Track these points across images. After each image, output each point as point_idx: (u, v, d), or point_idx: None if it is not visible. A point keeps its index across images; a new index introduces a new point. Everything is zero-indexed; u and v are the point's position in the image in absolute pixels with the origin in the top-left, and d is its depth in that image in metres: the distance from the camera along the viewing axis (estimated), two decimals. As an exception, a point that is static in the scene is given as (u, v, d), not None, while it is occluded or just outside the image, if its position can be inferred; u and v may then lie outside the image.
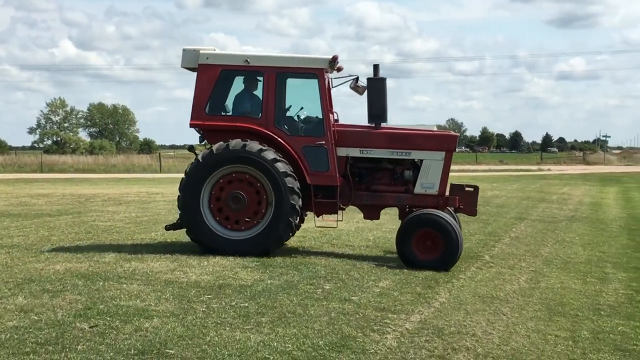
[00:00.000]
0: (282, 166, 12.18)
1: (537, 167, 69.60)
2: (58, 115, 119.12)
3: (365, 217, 13.50)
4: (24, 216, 19.04)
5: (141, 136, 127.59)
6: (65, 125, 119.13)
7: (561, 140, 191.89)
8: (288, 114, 13.23)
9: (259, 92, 12.90)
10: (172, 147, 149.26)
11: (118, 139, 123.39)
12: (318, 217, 13.24)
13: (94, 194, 28.19)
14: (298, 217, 12.72)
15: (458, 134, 14.15)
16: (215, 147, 12.34)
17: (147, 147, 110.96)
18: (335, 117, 13.13)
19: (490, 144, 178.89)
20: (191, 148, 13.69)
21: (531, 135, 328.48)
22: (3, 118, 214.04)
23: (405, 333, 7.88)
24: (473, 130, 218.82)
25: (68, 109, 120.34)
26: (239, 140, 12.31)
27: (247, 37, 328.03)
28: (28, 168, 54.79)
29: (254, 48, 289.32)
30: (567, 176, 50.11)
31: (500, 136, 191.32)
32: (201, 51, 12.91)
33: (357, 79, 12.82)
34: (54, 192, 29.54)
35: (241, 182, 12.42)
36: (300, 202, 12.43)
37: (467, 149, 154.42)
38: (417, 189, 12.87)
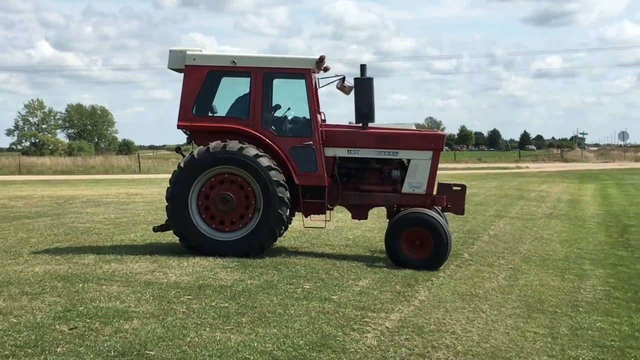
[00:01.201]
0: (275, 174, 12.14)
1: (515, 164, 69.87)
2: (36, 116, 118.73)
3: (353, 217, 13.50)
4: (2, 218, 18.92)
5: (120, 137, 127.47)
6: (44, 126, 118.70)
7: (539, 137, 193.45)
8: (275, 114, 13.19)
9: (248, 94, 12.80)
10: (151, 147, 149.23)
11: (97, 140, 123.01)
12: (306, 217, 13.25)
13: (72, 196, 28.06)
14: (283, 228, 12.71)
15: (445, 134, 14.18)
16: (212, 145, 12.25)
17: (126, 147, 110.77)
18: (323, 118, 13.13)
19: (469, 142, 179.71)
20: (178, 149, 13.64)
21: (509, 133, 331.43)
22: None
23: (385, 332, 7.91)
24: (451, 129, 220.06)
25: (46, 110, 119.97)
26: (237, 142, 12.27)
27: (226, 37, 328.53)
28: (6, 170, 54.35)
29: (233, 48, 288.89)
30: (545, 174, 50.37)
31: (478, 134, 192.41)
32: (188, 52, 12.83)
33: (343, 79, 12.81)
34: (32, 194, 29.37)
35: (232, 184, 12.38)
36: (287, 213, 12.43)
37: (446, 148, 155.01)
38: (405, 189, 12.86)
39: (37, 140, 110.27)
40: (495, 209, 22.52)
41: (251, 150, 12.18)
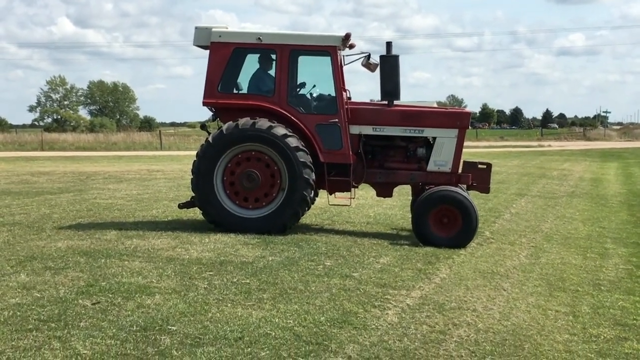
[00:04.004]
0: (302, 156, 12.13)
1: (537, 143, 69.50)
2: (58, 93, 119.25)
3: (378, 195, 13.53)
4: (25, 194, 19.05)
5: (141, 114, 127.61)
6: (66, 103, 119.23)
7: (561, 116, 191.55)
8: (301, 91, 13.15)
9: (273, 71, 12.81)
10: (173, 124, 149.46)
11: (118, 116, 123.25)
12: (331, 195, 13.25)
13: (94, 172, 28.20)
14: (307, 208, 12.70)
15: (471, 111, 14.10)
16: (241, 122, 12.23)
17: (148, 124, 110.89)
18: (348, 95, 13.08)
19: (491, 120, 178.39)
20: (203, 126, 13.63)
21: (531, 112, 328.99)
22: (3, 96, 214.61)
23: (406, 309, 7.91)
24: (473, 107, 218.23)
25: (68, 86, 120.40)
26: (266, 120, 12.26)
27: (246, 14, 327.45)
28: (29, 146, 54.69)
29: (253, 25, 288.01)
30: (567, 152, 50.08)
31: (500, 112, 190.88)
32: (213, 29, 12.78)
33: (369, 56, 12.74)
34: (54, 170, 29.55)
35: (258, 162, 12.38)
36: (312, 195, 12.47)
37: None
38: (430, 167, 12.81)
39: (59, 117, 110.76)
40: (517, 187, 22.44)
41: (280, 130, 12.16)
